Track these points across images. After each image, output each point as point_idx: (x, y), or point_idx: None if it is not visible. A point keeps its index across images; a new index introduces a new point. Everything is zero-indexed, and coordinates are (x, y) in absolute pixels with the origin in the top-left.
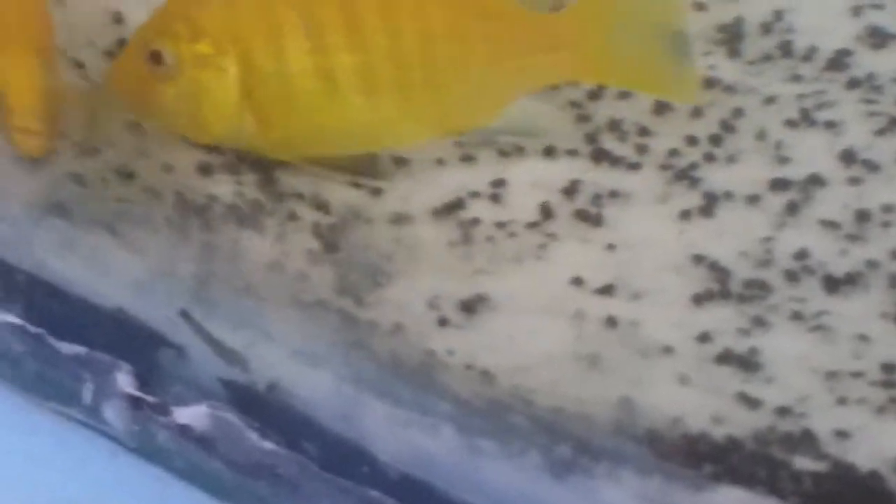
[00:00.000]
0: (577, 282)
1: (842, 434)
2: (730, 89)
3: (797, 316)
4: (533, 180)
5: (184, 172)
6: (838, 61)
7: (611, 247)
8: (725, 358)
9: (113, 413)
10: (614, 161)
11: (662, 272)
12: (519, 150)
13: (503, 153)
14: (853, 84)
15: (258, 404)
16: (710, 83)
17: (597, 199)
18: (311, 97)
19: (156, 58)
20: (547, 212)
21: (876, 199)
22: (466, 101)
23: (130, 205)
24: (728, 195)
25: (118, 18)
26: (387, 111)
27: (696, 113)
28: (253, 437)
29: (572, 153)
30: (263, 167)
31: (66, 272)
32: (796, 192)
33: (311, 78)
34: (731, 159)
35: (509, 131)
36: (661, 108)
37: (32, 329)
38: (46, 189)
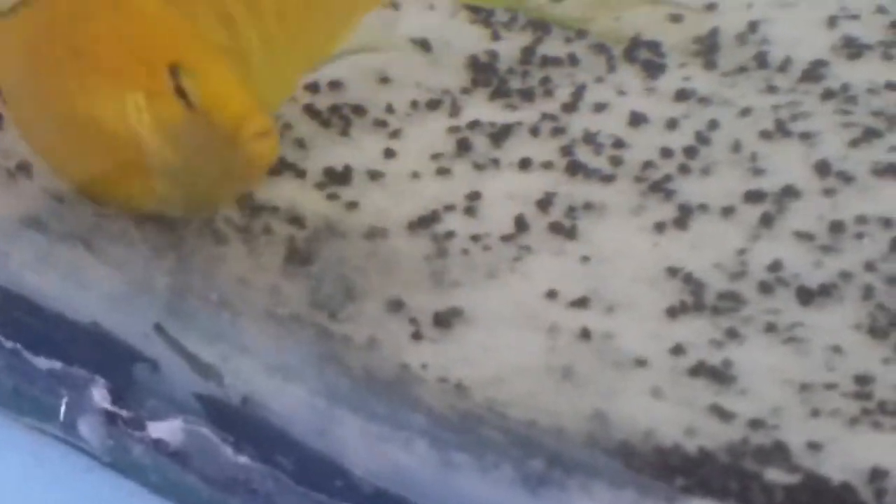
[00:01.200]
0: (552, 294)
1: (814, 446)
2: (705, 101)
3: (771, 328)
4: (507, 193)
5: None
6: (813, 72)
7: (585, 259)
8: (699, 370)
9: (88, 428)
10: (589, 173)
11: (636, 284)
12: (494, 163)
13: (478, 166)
14: (828, 95)
15: (232, 418)
16: (685, 94)
17: (571, 211)
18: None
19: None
20: (521, 224)
21: (850, 211)
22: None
23: (106, 219)
24: (702, 207)
25: None
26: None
27: (671, 125)
28: (228, 451)
29: (547, 166)
30: None
31: (42, 286)
32: (771, 204)
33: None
34: (706, 171)
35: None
36: (636, 120)
37: (7, 343)
38: (23, 203)
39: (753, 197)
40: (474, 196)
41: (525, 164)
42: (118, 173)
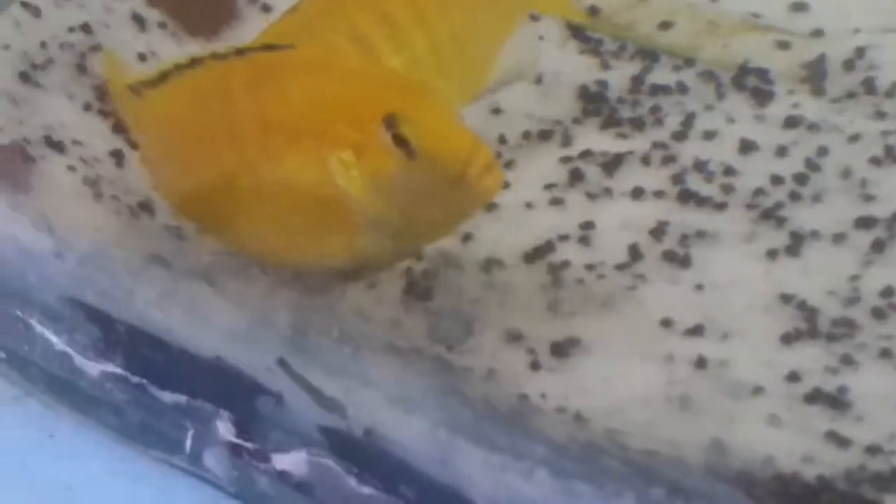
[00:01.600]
0: (667, 323)
1: None
2: (814, 127)
3: (885, 354)
4: (621, 222)
5: None
6: None
7: (699, 287)
8: (815, 397)
9: (214, 460)
10: (701, 201)
11: (750, 312)
12: (607, 192)
13: (591, 195)
14: None
15: (356, 450)
16: (794, 121)
17: (684, 239)
18: None
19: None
20: (635, 253)
21: None
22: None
23: (226, 256)
24: (814, 234)
25: None
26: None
27: (781, 152)
28: (351, 482)
29: (659, 194)
30: None
31: (166, 322)
32: (882, 230)
33: None
34: (817, 198)
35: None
36: (746, 147)
37: (134, 379)
38: (145, 241)
39: (864, 223)
40: (588, 225)
41: (637, 192)
42: (311, 235)
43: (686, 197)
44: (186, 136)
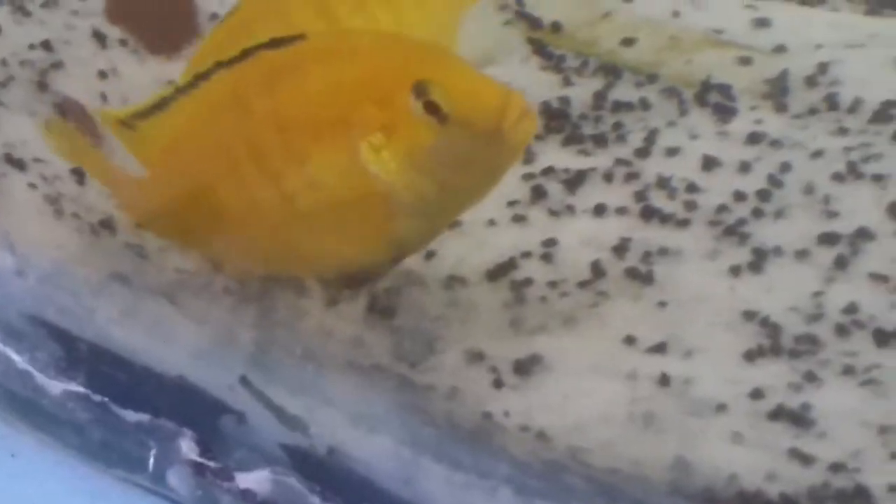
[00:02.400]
0: (630, 340)
1: None
2: (776, 143)
3: (848, 370)
4: (583, 239)
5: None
6: (884, 113)
7: (662, 304)
8: (778, 414)
9: (177, 479)
10: (664, 218)
11: (714, 329)
12: (569, 209)
13: (553, 213)
14: None
15: (319, 468)
16: (756, 137)
17: (647, 256)
18: None
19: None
20: (598, 270)
21: None
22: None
23: (188, 274)
24: (777, 250)
25: None
26: None
27: (744, 168)
28: (315, 501)
29: (622, 211)
30: None
31: (128, 341)
32: (845, 246)
33: None
34: (780, 214)
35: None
36: (708, 164)
37: (96, 397)
38: (107, 259)
39: (827, 239)
40: (550, 243)
41: (600, 209)
42: (348, 234)
43: (649, 214)
44: (200, 159)
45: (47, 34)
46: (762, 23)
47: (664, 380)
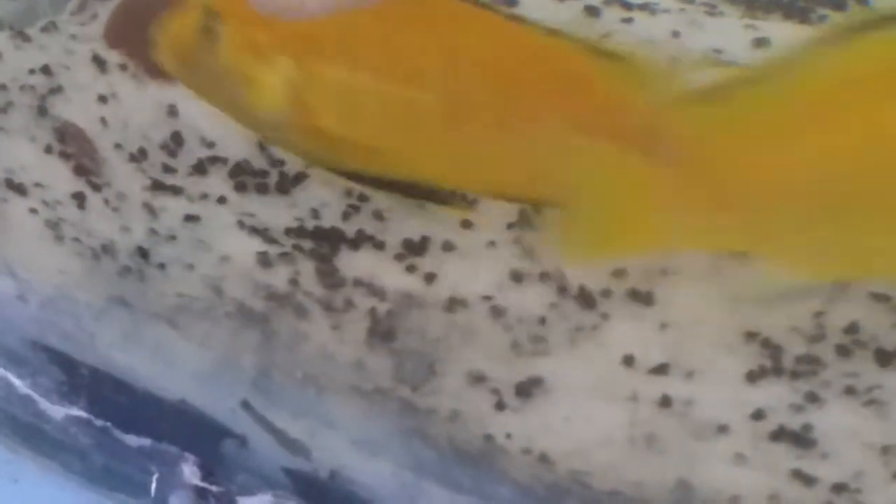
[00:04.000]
0: (631, 362)
1: None
2: None
3: (850, 390)
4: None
5: (242, 263)
6: None
7: (663, 325)
8: (780, 435)
9: (179, 503)
10: None
11: (715, 350)
12: None
13: None
14: None
15: (321, 492)
16: None
17: (647, 277)
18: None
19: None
20: (598, 291)
21: None
22: None
23: (188, 298)
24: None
25: (172, 111)
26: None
27: None
28: None
29: None
30: (321, 256)
31: (130, 365)
32: None
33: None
34: None
35: None
36: None
37: (98, 422)
38: (107, 283)
39: None
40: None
41: None
42: None
43: None
44: None
45: (47, 59)
46: (762, 42)
47: (665, 401)
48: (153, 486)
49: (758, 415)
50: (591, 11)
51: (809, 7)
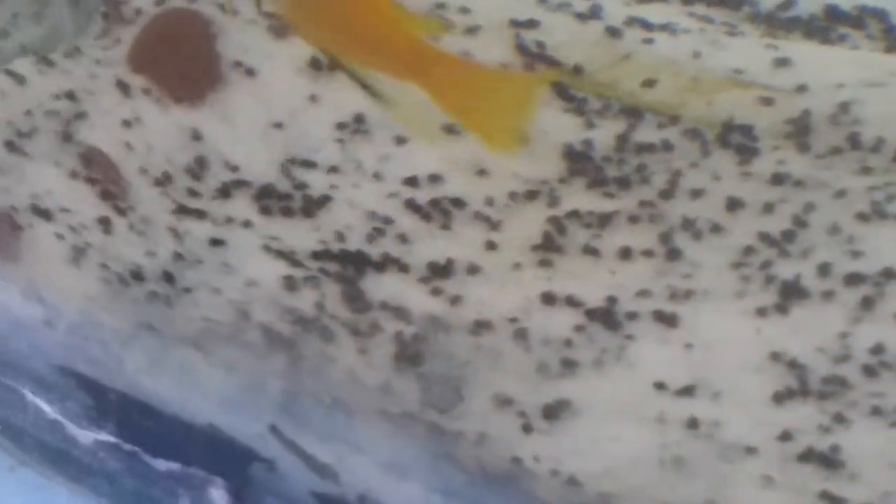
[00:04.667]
0: (658, 383)
1: None
2: (800, 184)
3: (877, 411)
4: (609, 283)
5: (268, 287)
6: None
7: (689, 346)
8: (808, 456)
9: None
10: (689, 260)
11: (741, 371)
12: (594, 253)
13: (578, 256)
14: None
15: None
16: (780, 178)
17: (673, 298)
18: None
19: None
20: (624, 313)
21: None
22: None
23: (217, 323)
24: (803, 291)
25: (196, 135)
26: None
27: (768, 209)
28: None
29: (647, 253)
30: (346, 279)
31: (158, 390)
32: (871, 287)
33: None
34: (805, 255)
35: None
36: (732, 205)
37: (126, 447)
38: (134, 309)
39: (853, 280)
40: (575, 286)
41: (625, 252)
42: None
43: (674, 255)
44: None
45: (72, 85)
46: (783, 62)
47: (693, 423)
48: None
49: (785, 436)
50: (613, 32)
51: (830, 26)
